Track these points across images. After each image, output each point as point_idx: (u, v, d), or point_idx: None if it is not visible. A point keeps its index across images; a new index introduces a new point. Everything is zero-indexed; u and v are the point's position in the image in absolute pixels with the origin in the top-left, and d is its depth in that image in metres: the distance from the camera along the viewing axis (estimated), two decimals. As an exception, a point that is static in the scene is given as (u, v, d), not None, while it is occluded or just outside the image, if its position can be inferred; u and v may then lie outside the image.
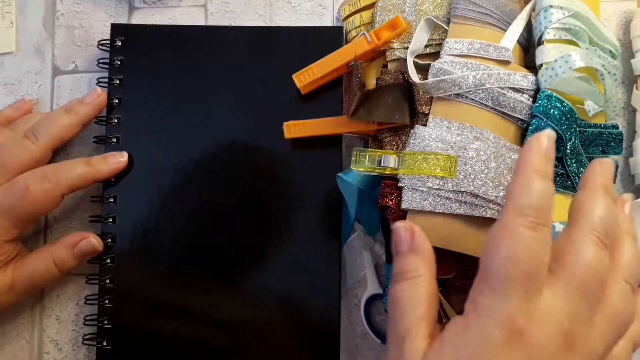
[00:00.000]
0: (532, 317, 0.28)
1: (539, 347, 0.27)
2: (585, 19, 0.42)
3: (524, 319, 0.28)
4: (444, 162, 0.38)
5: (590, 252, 0.29)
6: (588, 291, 0.29)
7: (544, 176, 0.30)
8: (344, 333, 0.47)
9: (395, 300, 0.31)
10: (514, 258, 0.28)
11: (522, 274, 0.28)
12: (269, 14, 0.52)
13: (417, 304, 0.31)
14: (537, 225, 0.28)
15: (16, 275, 0.46)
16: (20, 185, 0.45)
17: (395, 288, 0.32)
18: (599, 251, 0.30)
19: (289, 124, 0.47)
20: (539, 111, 0.40)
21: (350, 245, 0.49)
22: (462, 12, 0.42)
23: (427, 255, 0.32)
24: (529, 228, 0.28)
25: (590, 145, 0.41)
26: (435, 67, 0.41)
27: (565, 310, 0.28)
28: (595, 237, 0.30)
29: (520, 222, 0.28)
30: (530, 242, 0.28)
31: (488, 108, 0.40)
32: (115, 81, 0.50)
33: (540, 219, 0.29)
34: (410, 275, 0.32)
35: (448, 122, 0.40)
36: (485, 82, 0.40)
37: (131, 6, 0.53)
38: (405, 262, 0.32)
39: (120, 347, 0.47)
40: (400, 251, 0.32)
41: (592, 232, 0.30)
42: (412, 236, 0.32)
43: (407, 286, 0.31)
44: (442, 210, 0.39)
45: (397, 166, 0.40)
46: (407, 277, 0.32)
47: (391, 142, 0.44)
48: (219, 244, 0.48)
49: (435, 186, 0.39)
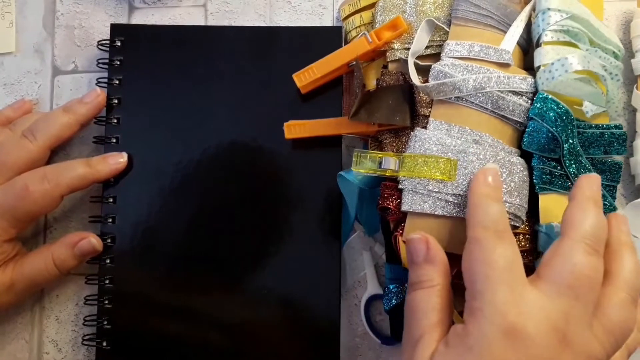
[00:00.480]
0: (522, 312, 0.30)
1: (534, 342, 0.29)
2: (584, 21, 0.41)
3: (514, 314, 0.29)
4: (444, 165, 0.39)
5: (579, 257, 0.31)
6: (579, 294, 0.30)
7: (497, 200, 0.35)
8: (344, 333, 0.47)
9: (412, 308, 0.34)
10: (488, 260, 0.31)
11: (499, 271, 0.31)
12: (269, 14, 0.52)
13: (433, 312, 0.33)
14: (503, 233, 0.32)
15: (16, 275, 0.46)
16: (19, 185, 0.45)
17: (413, 296, 0.34)
18: (589, 257, 0.31)
19: (289, 124, 0.47)
20: (535, 113, 0.40)
21: (350, 245, 0.48)
22: (463, 13, 0.42)
23: (443, 265, 0.35)
24: (495, 237, 0.32)
25: (591, 146, 0.41)
26: (436, 69, 0.41)
27: (557, 309, 0.30)
28: (586, 244, 0.31)
29: (486, 234, 0.32)
30: (499, 247, 0.32)
31: (487, 111, 0.40)
32: (114, 81, 0.50)
33: (504, 231, 0.33)
34: (427, 284, 0.34)
35: (448, 125, 0.40)
36: (485, 85, 0.40)
37: (131, 6, 0.53)
38: (421, 272, 0.34)
39: (120, 347, 0.47)
40: (416, 262, 0.35)
41: (582, 240, 0.32)
42: (427, 247, 0.35)
43: (424, 295, 0.34)
44: (441, 213, 0.39)
45: (397, 168, 0.40)
46: (423, 286, 0.34)
47: (391, 144, 0.44)
48: (218, 244, 0.48)
49: (435, 189, 0.39)
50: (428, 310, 0.33)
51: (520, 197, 0.39)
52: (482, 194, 0.35)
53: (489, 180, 0.35)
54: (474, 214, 0.34)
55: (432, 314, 0.33)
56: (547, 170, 0.40)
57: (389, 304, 0.44)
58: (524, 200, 0.40)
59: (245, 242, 0.48)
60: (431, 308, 0.33)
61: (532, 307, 0.30)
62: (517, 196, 0.39)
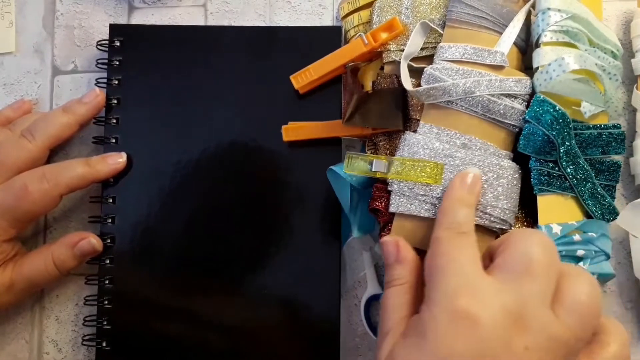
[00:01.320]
0: (474, 297, 0.30)
1: (485, 326, 0.29)
2: (584, 21, 0.41)
3: (465, 299, 0.30)
4: (431, 170, 0.39)
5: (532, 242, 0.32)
6: (534, 276, 0.31)
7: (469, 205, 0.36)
8: (344, 333, 0.47)
9: (384, 304, 0.36)
10: (445, 254, 0.33)
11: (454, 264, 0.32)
12: (268, 13, 0.52)
13: (401, 307, 0.35)
14: (464, 234, 0.34)
15: (15, 275, 0.46)
16: (18, 185, 0.45)
17: (386, 293, 0.36)
18: (544, 241, 0.32)
19: (287, 127, 0.47)
20: (531, 116, 0.40)
21: (350, 245, 0.48)
22: (457, 15, 0.42)
23: (412, 263, 0.36)
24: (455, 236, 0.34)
25: (589, 147, 0.41)
26: (427, 73, 0.41)
27: (512, 293, 0.30)
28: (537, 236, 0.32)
29: (448, 233, 0.34)
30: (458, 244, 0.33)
31: (478, 114, 0.40)
32: (114, 81, 0.50)
33: (466, 233, 0.34)
34: (398, 282, 0.36)
35: (437, 129, 0.41)
36: (475, 89, 0.40)
37: (131, 6, 0.53)
38: (393, 271, 0.36)
39: (120, 348, 0.47)
40: (389, 262, 0.37)
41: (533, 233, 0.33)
42: (397, 249, 0.37)
43: (394, 292, 0.36)
44: (427, 215, 0.39)
45: (386, 171, 0.40)
46: (395, 284, 0.36)
47: (385, 146, 0.44)
48: (218, 244, 0.48)
49: (422, 192, 0.39)
50: (397, 305, 0.35)
51: (508, 200, 0.39)
52: (454, 198, 0.36)
53: (466, 183, 0.37)
54: (441, 217, 0.35)
55: (400, 308, 0.34)
56: (545, 172, 0.40)
57: (388, 304, 0.44)
58: (513, 204, 0.40)
59: (245, 242, 0.48)
60: (400, 303, 0.35)
61: (485, 293, 0.30)
62: (504, 200, 0.39)
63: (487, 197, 0.38)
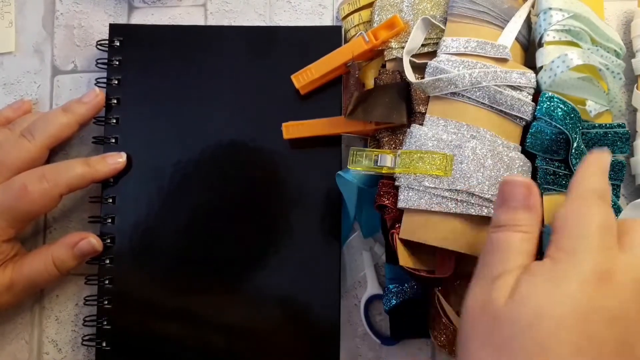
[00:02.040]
0: (616, 263, 0.30)
1: (626, 291, 0.30)
2: (586, 20, 0.41)
3: (610, 263, 0.30)
4: (440, 161, 0.38)
5: None
6: None
7: None
8: (344, 333, 0.47)
9: (500, 247, 0.33)
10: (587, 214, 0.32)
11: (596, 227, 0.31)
12: (268, 13, 0.52)
13: (521, 256, 0.32)
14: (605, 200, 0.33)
15: (15, 275, 0.46)
16: (18, 184, 0.45)
17: (506, 236, 0.33)
18: None
19: (287, 124, 0.47)
20: (542, 113, 0.39)
21: (350, 245, 0.48)
22: (459, 10, 0.42)
23: (540, 216, 0.34)
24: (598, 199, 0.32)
25: (595, 146, 0.41)
26: (431, 66, 0.41)
27: None
28: None
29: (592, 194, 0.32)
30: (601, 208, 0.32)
31: (485, 106, 0.40)
32: (113, 81, 0.50)
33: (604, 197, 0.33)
34: (524, 229, 0.33)
35: (444, 121, 0.40)
36: (482, 80, 0.39)
37: (130, 6, 0.53)
38: (517, 216, 0.33)
39: (120, 347, 0.47)
40: (512, 205, 0.34)
41: None
42: (529, 192, 0.34)
43: (518, 238, 0.33)
44: (437, 209, 0.39)
45: (393, 165, 0.40)
46: (519, 230, 0.33)
47: (389, 142, 0.44)
48: (218, 245, 0.48)
49: (431, 185, 0.39)
50: (517, 252, 0.33)
51: None
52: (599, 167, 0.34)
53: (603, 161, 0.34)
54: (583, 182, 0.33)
55: (520, 257, 0.32)
56: (551, 171, 0.40)
57: (388, 304, 0.44)
58: None
59: (245, 242, 0.48)
60: (521, 251, 0.33)
61: (624, 261, 0.31)
62: None
63: None
